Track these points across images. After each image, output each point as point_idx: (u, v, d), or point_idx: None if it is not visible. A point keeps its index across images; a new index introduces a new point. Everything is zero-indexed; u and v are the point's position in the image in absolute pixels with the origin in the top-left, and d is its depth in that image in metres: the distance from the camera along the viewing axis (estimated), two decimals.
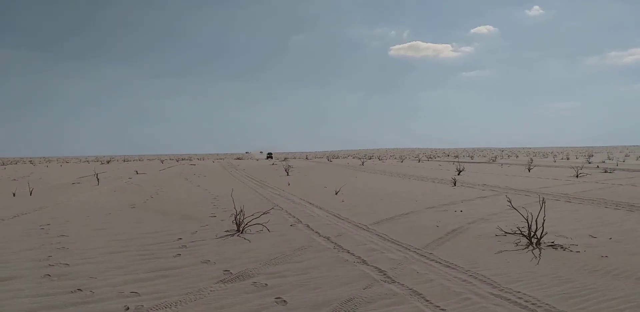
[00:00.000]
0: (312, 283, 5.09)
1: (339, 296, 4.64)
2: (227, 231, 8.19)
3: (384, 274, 5.40)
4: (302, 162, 51.20)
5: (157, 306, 4.39)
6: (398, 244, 6.94)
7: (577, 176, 20.02)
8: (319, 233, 7.90)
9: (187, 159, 75.93)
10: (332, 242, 7.14)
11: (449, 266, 5.68)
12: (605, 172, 23.58)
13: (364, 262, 5.95)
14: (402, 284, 4.99)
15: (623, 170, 25.53)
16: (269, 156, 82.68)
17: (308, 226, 8.58)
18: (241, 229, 8.05)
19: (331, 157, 65.99)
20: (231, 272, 5.51)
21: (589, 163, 35.43)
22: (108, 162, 56.26)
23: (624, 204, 10.72)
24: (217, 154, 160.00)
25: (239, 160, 67.57)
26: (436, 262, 5.90)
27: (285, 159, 64.12)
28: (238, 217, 8.14)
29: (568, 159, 49.98)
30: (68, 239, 7.59)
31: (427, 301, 4.48)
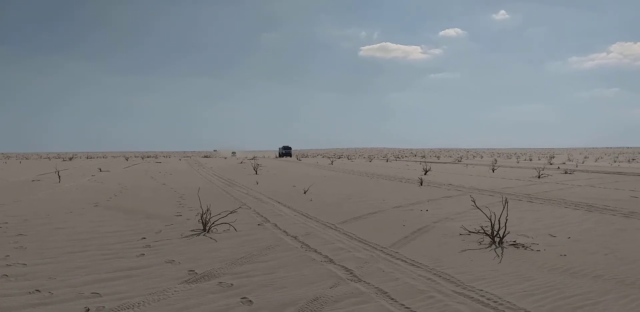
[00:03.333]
0: (278, 283, 5.07)
1: (305, 295, 4.63)
2: (192, 230, 8.07)
3: (351, 273, 5.42)
4: (271, 161, 50.99)
5: (119, 307, 4.28)
6: (365, 243, 6.99)
7: (538, 177, 20.61)
8: (286, 232, 7.88)
9: (152, 157, 74.50)
10: (300, 242, 7.13)
11: (414, 265, 5.75)
12: (565, 173, 24.37)
13: (331, 261, 5.96)
14: (368, 283, 5.02)
15: (582, 171, 26.45)
16: (233, 154, 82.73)
17: (276, 225, 8.54)
18: (207, 228, 7.94)
19: (300, 155, 65.97)
20: (196, 272, 5.42)
21: (550, 164, 36.57)
22: (70, 159, 54.65)
23: (582, 205, 11.10)
24: (184, 152, 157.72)
25: (206, 158, 66.76)
26: (402, 260, 5.96)
27: (254, 157, 63.69)
28: (204, 216, 8.03)
29: (531, 160, 51.45)
30: (26, 238, 7.33)
31: (392, 299, 4.53)
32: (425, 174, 22.19)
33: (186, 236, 7.64)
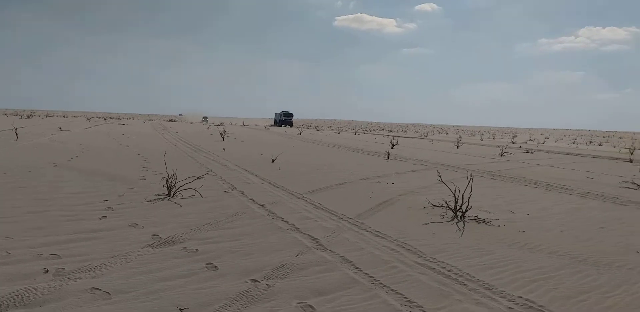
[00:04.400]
0: (244, 249, 5.07)
1: (271, 263, 4.66)
2: (157, 194, 7.94)
3: (317, 242, 5.48)
4: (238, 128, 50.38)
5: (79, 269, 4.20)
6: (332, 213, 7.05)
7: (501, 155, 21.15)
8: (253, 200, 7.85)
9: (115, 118, 72.40)
10: (267, 210, 7.13)
11: (379, 236, 5.86)
12: (527, 152, 25.09)
13: (298, 230, 6.00)
14: (334, 252, 5.09)
15: (543, 151, 27.28)
16: (204, 119, 79.69)
17: (243, 193, 8.50)
18: (172, 193, 7.82)
19: (268, 124, 65.44)
20: (160, 237, 5.36)
21: (513, 143, 37.54)
22: (29, 116, 52.43)
23: (542, 183, 11.49)
24: (148, 115, 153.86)
25: (171, 122, 65.39)
26: (367, 231, 6.06)
27: (221, 123, 62.77)
28: (169, 181, 7.90)
29: (494, 138, 52.68)
30: None
31: (356, 268, 4.61)
32: (392, 148, 22.42)
33: (150, 200, 7.51)
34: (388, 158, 17.07)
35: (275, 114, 74.63)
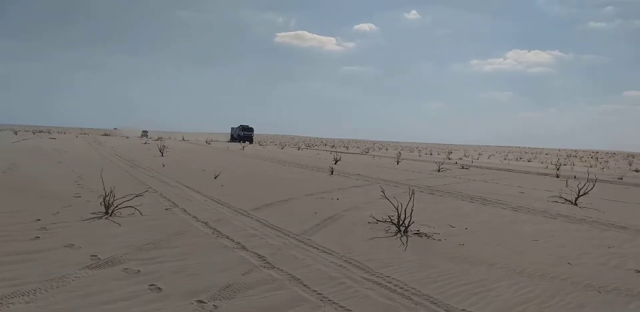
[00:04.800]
0: (189, 269, 4.92)
1: (217, 282, 4.55)
2: (93, 213, 7.56)
3: (264, 259, 5.41)
4: (178, 143, 49.18)
5: (12, 293, 3.91)
6: (278, 230, 7.00)
7: (438, 171, 21.90)
8: (196, 218, 7.65)
9: (45, 132, 68.59)
10: (211, 228, 6.97)
11: (326, 252, 5.87)
12: (462, 168, 26.16)
13: (244, 247, 5.90)
14: (281, 270, 5.04)
15: (477, 167, 28.55)
16: (144, 134, 75.87)
17: (185, 210, 8.27)
18: (110, 211, 7.48)
19: (210, 140, 64.21)
20: (99, 258, 5.10)
21: (449, 159, 39.03)
22: None
23: (477, 198, 11.99)
24: (81, 129, 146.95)
25: (106, 136, 62.84)
26: (314, 247, 6.06)
27: (160, 138, 61.03)
28: (107, 198, 7.56)
29: (431, 154, 54.57)
30: None
31: (305, 285, 4.59)
32: (335, 164, 22.67)
33: (86, 218, 7.14)
34: (332, 174, 17.23)
35: (233, 129, 68.30)
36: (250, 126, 66.05)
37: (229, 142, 63.68)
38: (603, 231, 8.28)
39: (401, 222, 7.27)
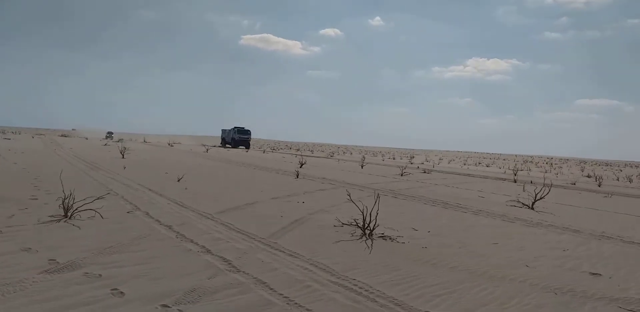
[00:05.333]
0: (152, 273, 4.83)
1: (182, 287, 4.48)
2: (52, 216, 7.31)
3: (229, 263, 5.37)
4: (139, 144, 48.09)
5: None
6: (243, 234, 6.96)
7: (401, 175, 22.26)
8: (159, 221, 7.51)
9: None
10: (175, 231, 6.86)
11: (292, 255, 5.88)
12: (424, 172, 26.66)
13: (209, 251, 5.84)
14: (248, 273, 5.02)
15: (438, 171, 29.15)
16: (109, 135, 72.44)
17: (147, 214, 8.10)
18: (69, 214, 7.25)
19: (172, 142, 62.97)
20: (58, 262, 4.94)
21: (411, 164, 39.69)
22: None
23: (439, 202, 12.26)
24: (37, 129, 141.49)
25: (64, 137, 60.79)
26: (280, 251, 6.06)
27: (120, 140, 59.47)
28: (66, 201, 7.32)
29: (394, 159, 55.33)
30: None
31: (271, 289, 4.59)
32: (301, 167, 22.69)
33: (44, 222, 6.89)
34: (297, 177, 17.24)
35: (224, 131, 60.24)
36: (246, 128, 57.25)
37: (220, 147, 57.30)
38: (558, 234, 8.61)
39: (366, 225, 7.35)
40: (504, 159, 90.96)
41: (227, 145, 58.85)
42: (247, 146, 56.61)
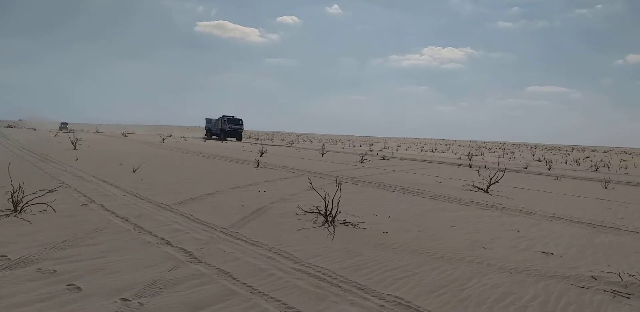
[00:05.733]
0: (110, 267, 4.70)
1: (141, 280, 4.38)
2: (0, 210, 6.97)
3: (190, 254, 5.28)
4: (91, 135, 46.44)
5: None
6: (204, 224, 6.85)
7: (361, 162, 22.48)
8: (115, 214, 7.30)
9: None
10: (132, 224, 6.67)
11: (255, 244, 5.85)
12: (383, 159, 27.02)
13: (168, 243, 5.72)
14: (209, 264, 4.96)
15: (396, 158, 29.61)
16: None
17: (103, 206, 7.85)
18: (19, 208, 6.93)
19: (126, 132, 61.03)
20: (9, 258, 4.72)
21: (370, 151, 40.12)
22: None
23: (398, 188, 12.46)
24: None
25: (11, 128, 57.94)
26: (242, 240, 6.01)
27: (71, 130, 57.22)
28: (15, 194, 6.99)
29: (354, 146, 55.79)
30: None
31: (234, 279, 4.55)
32: (261, 156, 22.53)
33: None
34: (258, 166, 17.10)
35: (209, 121, 53.76)
36: (237, 117, 50.94)
37: (204, 139, 50.81)
38: (512, 216, 8.94)
39: (328, 212, 7.39)
40: (459, 145, 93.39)
41: (214, 137, 52.28)
42: (239, 138, 50.61)
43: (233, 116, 51.01)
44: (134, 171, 13.01)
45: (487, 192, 12.27)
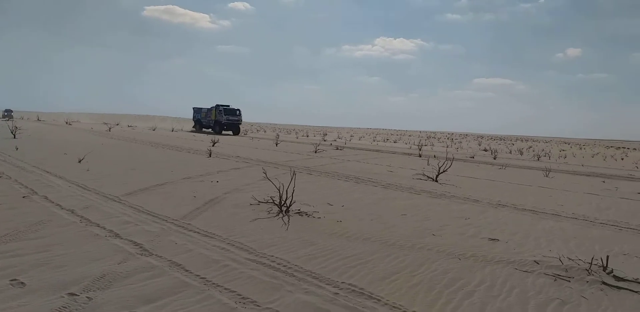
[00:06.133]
0: (55, 261, 4.52)
1: (89, 273, 4.24)
2: None
3: (141, 247, 5.16)
4: (32, 123, 44.11)
5: None
6: (154, 216, 6.70)
7: (315, 152, 22.56)
8: (60, 206, 7.00)
9: None
10: (78, 216, 6.43)
11: (208, 235, 5.78)
12: (337, 149, 27.22)
13: (117, 235, 5.56)
14: (161, 256, 4.86)
15: (350, 148, 29.91)
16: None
17: (46, 198, 7.51)
18: None
19: (70, 120, 58.31)
20: None
21: (324, 141, 40.34)
22: None
23: (352, 177, 12.61)
24: None
25: None
26: (195, 232, 5.92)
27: (9, 118, 54.13)
28: None
29: (308, 136, 55.86)
30: None
31: (187, 271, 4.49)
32: (213, 146, 22.16)
33: None
34: (210, 156, 16.82)
35: (199, 111, 46.31)
36: (234, 107, 43.22)
37: (192, 131, 45.16)
38: (460, 204, 9.25)
39: (283, 202, 7.39)
40: (410, 135, 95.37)
41: (205, 130, 45.63)
42: (237, 131, 43.52)
43: (229, 105, 43.39)
44: (79, 161, 12.50)
45: (437, 181, 12.63)
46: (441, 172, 12.89)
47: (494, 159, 26.49)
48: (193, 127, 47.55)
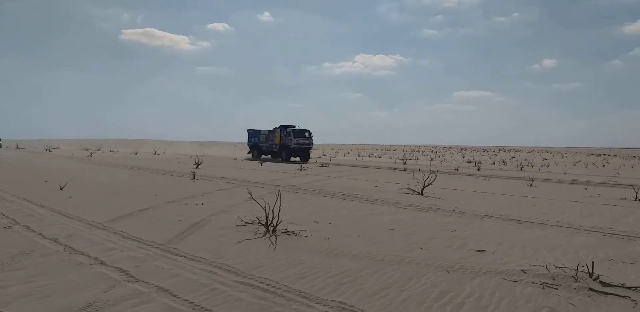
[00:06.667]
0: (39, 292, 4.43)
1: (75, 303, 4.17)
2: None
3: (127, 273, 5.08)
4: (11, 151, 43.42)
5: None
6: (139, 241, 6.61)
7: (300, 170, 22.59)
8: (43, 235, 6.88)
9: None
10: (62, 244, 6.32)
11: (194, 259, 5.72)
12: (322, 166, 27.29)
13: (102, 263, 5.48)
14: (147, 282, 4.80)
15: (335, 164, 30.00)
16: None
17: (28, 227, 7.38)
18: None
19: (50, 147, 57.39)
20: None
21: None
22: None
23: (338, 194, 12.64)
24: None
25: None
26: (181, 256, 5.86)
27: None
28: None
29: None
30: None
31: (174, 296, 4.43)
32: (197, 168, 22.04)
33: None
34: (194, 178, 16.72)
35: (256, 133, 37.34)
36: (302, 128, 34.85)
37: (249, 157, 37.73)
38: (446, 216, 9.32)
39: (269, 222, 7.36)
40: (394, 150, 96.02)
41: (265, 156, 37.31)
42: (307, 157, 34.77)
43: (295, 126, 34.85)
44: (61, 189, 12.32)
45: (422, 194, 12.72)
46: (426, 186, 12.99)
47: (478, 170, 26.79)
48: (248, 153, 38.95)
